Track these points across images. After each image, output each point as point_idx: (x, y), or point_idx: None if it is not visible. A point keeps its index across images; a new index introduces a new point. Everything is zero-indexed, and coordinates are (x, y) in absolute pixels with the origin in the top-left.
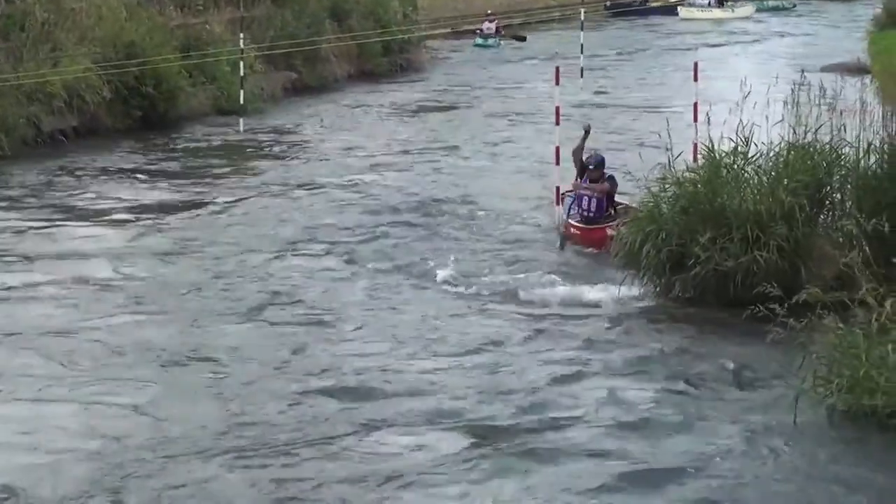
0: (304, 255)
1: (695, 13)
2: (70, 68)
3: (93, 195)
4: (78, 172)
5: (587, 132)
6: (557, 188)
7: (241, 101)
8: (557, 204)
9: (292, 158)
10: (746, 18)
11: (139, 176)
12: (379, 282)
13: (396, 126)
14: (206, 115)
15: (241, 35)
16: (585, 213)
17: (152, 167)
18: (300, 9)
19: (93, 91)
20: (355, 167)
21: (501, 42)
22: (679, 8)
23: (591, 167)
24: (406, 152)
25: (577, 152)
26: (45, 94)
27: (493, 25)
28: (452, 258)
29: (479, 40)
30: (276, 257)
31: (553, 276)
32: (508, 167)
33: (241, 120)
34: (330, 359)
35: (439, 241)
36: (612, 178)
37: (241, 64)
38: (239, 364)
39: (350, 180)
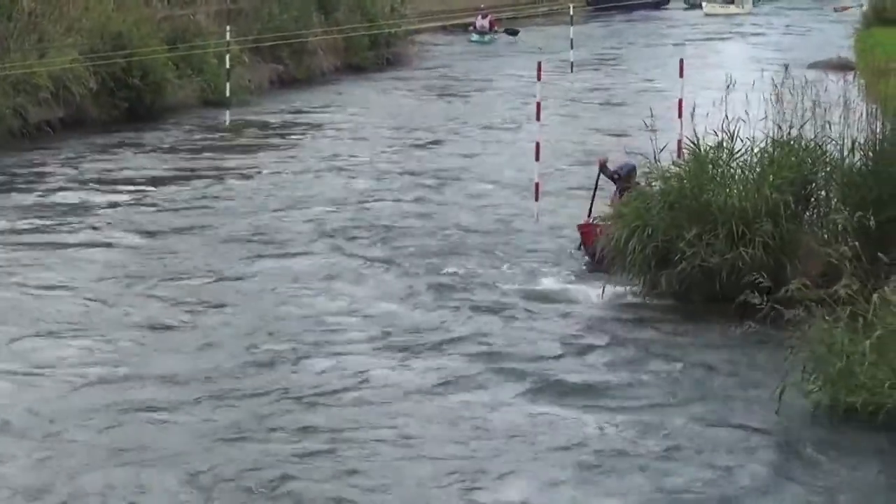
0: (280, 236)
1: (717, 9)
2: (57, 59)
3: (78, 186)
4: (64, 163)
5: (602, 167)
6: (537, 184)
7: (228, 94)
8: (537, 200)
9: (274, 148)
10: (749, 14)
11: (124, 167)
12: (355, 263)
13: (379, 119)
14: (192, 107)
15: (228, 27)
16: None
17: (138, 158)
18: (287, 1)
19: (79, 82)
20: (337, 157)
21: (495, 37)
22: (703, 3)
23: (616, 178)
24: (387, 146)
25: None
26: (31, 84)
27: (486, 21)
28: (434, 251)
29: (476, 36)
30: (255, 239)
31: (536, 272)
32: (490, 162)
33: (227, 112)
34: (300, 327)
35: (422, 233)
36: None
37: (227, 56)
38: (217, 326)
39: (331, 170)
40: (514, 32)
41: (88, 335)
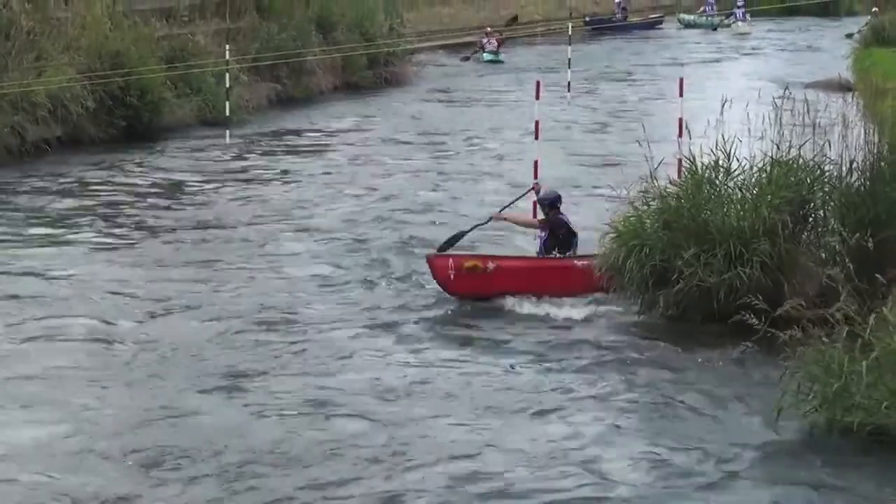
0: (278, 257)
1: (745, 27)
2: (54, 78)
3: (75, 204)
4: (61, 182)
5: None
6: (535, 203)
7: (227, 113)
8: (535, 216)
9: (274, 163)
10: (752, 32)
11: (122, 186)
12: (354, 289)
13: (378, 139)
14: (190, 126)
15: (227, 46)
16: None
17: (136, 177)
18: (286, 21)
19: (77, 101)
20: (335, 178)
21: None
22: (737, 23)
23: (545, 203)
24: (385, 166)
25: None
26: (29, 103)
27: (493, 40)
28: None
29: (488, 56)
30: (252, 263)
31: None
32: (489, 181)
33: (227, 131)
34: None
35: (417, 253)
36: (557, 220)
37: (227, 75)
38: (216, 312)
39: (329, 191)
40: (514, 19)
41: (94, 318)
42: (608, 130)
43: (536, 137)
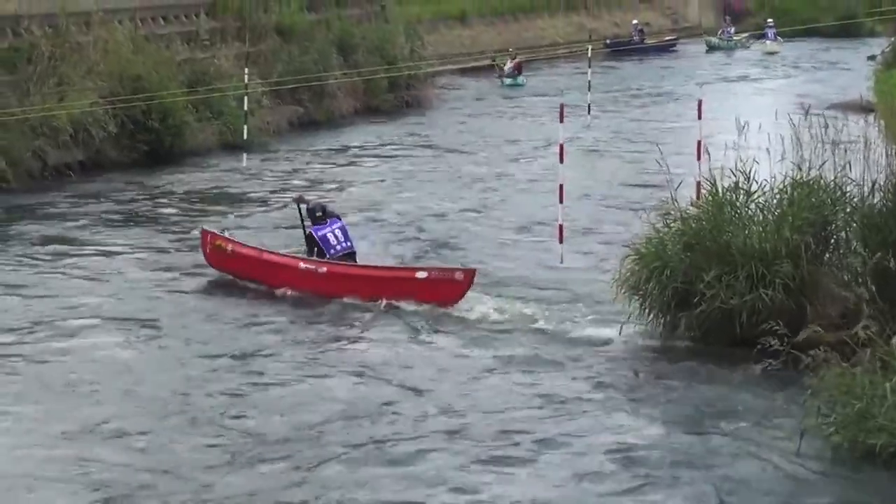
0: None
1: (774, 46)
2: (76, 102)
3: (96, 229)
4: (82, 206)
5: (299, 203)
6: (560, 225)
7: (245, 136)
8: (560, 241)
9: (288, 188)
10: (780, 51)
11: (142, 210)
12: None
13: (397, 162)
14: (212, 150)
15: (246, 70)
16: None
17: (156, 202)
18: (307, 44)
19: (99, 125)
20: (350, 202)
21: (524, 79)
22: (767, 42)
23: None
24: (404, 188)
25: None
26: (51, 127)
27: (512, 64)
28: None
29: (508, 80)
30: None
31: (554, 312)
32: (511, 204)
33: (244, 155)
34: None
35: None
36: (309, 236)
37: (245, 99)
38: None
39: (346, 206)
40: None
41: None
42: (628, 152)
43: (561, 161)
